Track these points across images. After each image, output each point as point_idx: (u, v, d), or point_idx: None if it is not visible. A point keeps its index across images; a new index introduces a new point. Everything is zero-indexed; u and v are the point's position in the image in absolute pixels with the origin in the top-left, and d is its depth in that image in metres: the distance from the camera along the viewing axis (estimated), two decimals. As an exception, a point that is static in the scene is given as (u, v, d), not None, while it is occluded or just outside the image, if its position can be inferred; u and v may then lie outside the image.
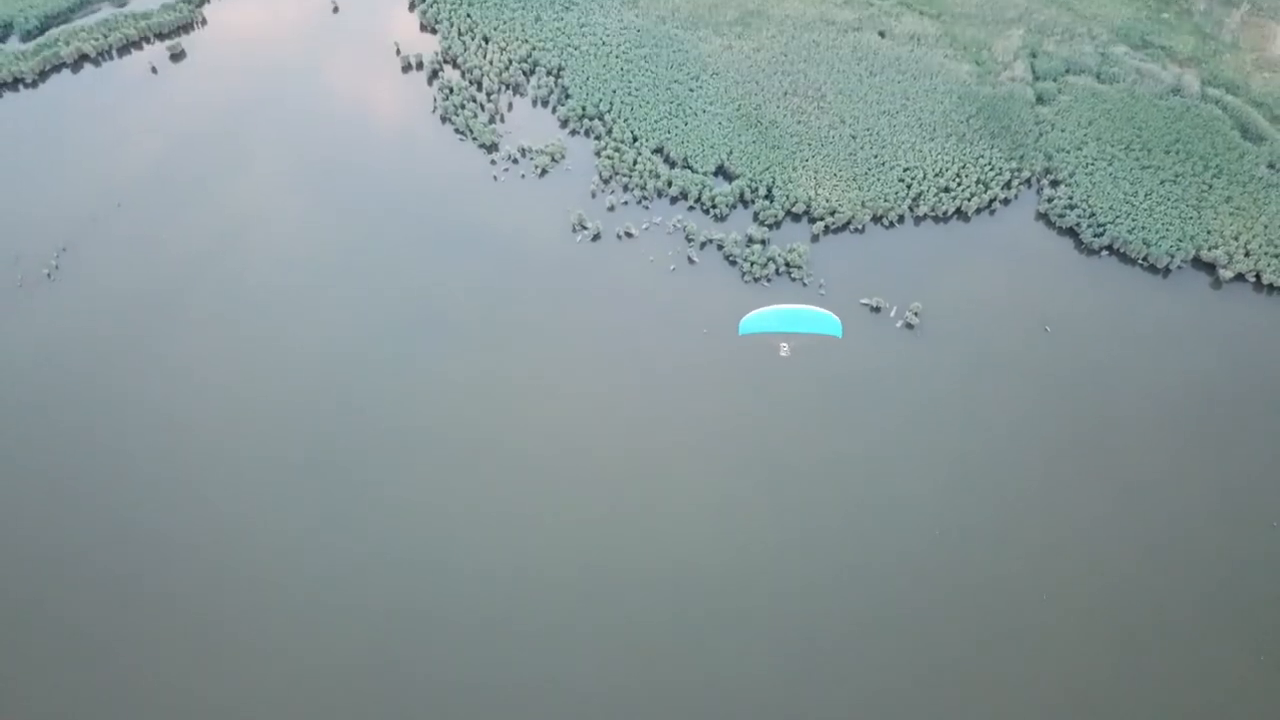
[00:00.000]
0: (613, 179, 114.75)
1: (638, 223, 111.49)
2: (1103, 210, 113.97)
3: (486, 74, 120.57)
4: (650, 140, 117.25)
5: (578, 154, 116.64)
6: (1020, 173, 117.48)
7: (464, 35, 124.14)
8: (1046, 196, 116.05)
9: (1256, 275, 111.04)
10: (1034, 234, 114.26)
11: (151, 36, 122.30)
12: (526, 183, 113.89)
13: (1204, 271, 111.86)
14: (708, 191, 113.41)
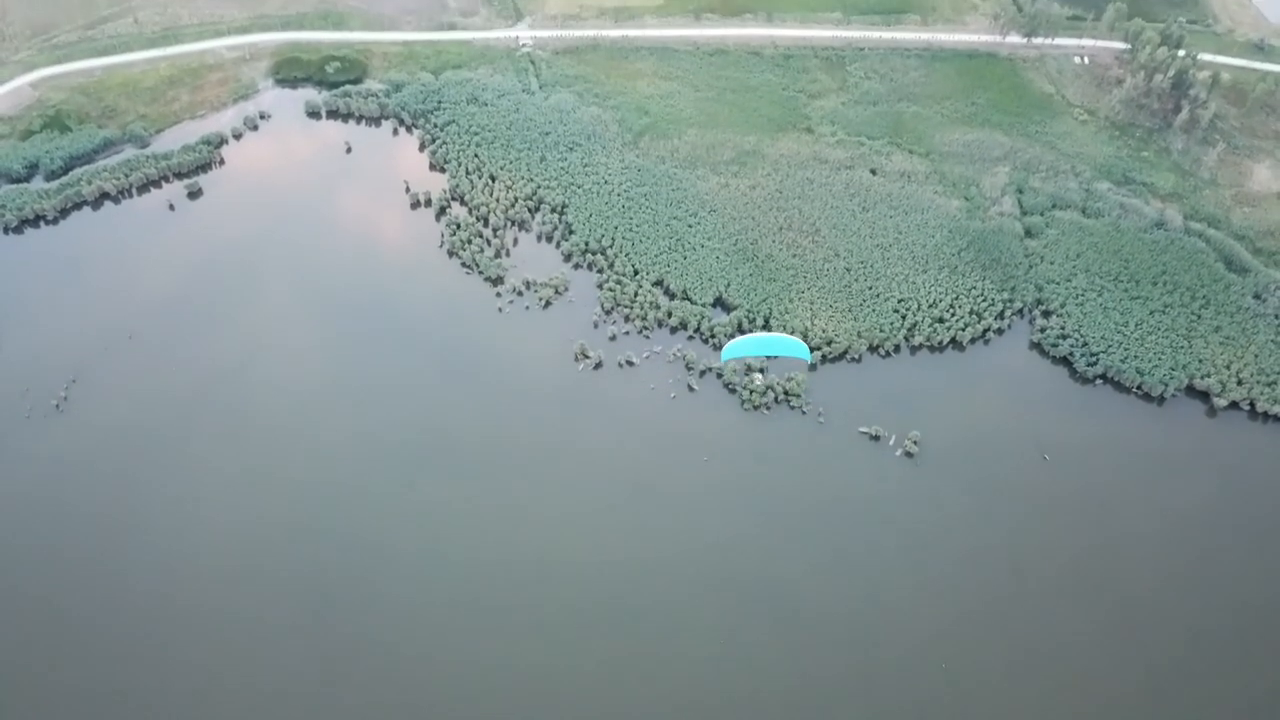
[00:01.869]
0: (614, 310, 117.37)
1: (639, 352, 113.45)
2: (1095, 340, 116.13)
3: (493, 211, 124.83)
4: (651, 273, 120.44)
5: (581, 286, 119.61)
6: (1012, 303, 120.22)
7: (472, 174, 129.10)
8: (1039, 326, 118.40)
9: (1251, 404, 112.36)
10: (1028, 363, 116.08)
11: (171, 176, 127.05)
12: (530, 314, 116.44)
13: (1198, 400, 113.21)
14: (707, 322, 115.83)
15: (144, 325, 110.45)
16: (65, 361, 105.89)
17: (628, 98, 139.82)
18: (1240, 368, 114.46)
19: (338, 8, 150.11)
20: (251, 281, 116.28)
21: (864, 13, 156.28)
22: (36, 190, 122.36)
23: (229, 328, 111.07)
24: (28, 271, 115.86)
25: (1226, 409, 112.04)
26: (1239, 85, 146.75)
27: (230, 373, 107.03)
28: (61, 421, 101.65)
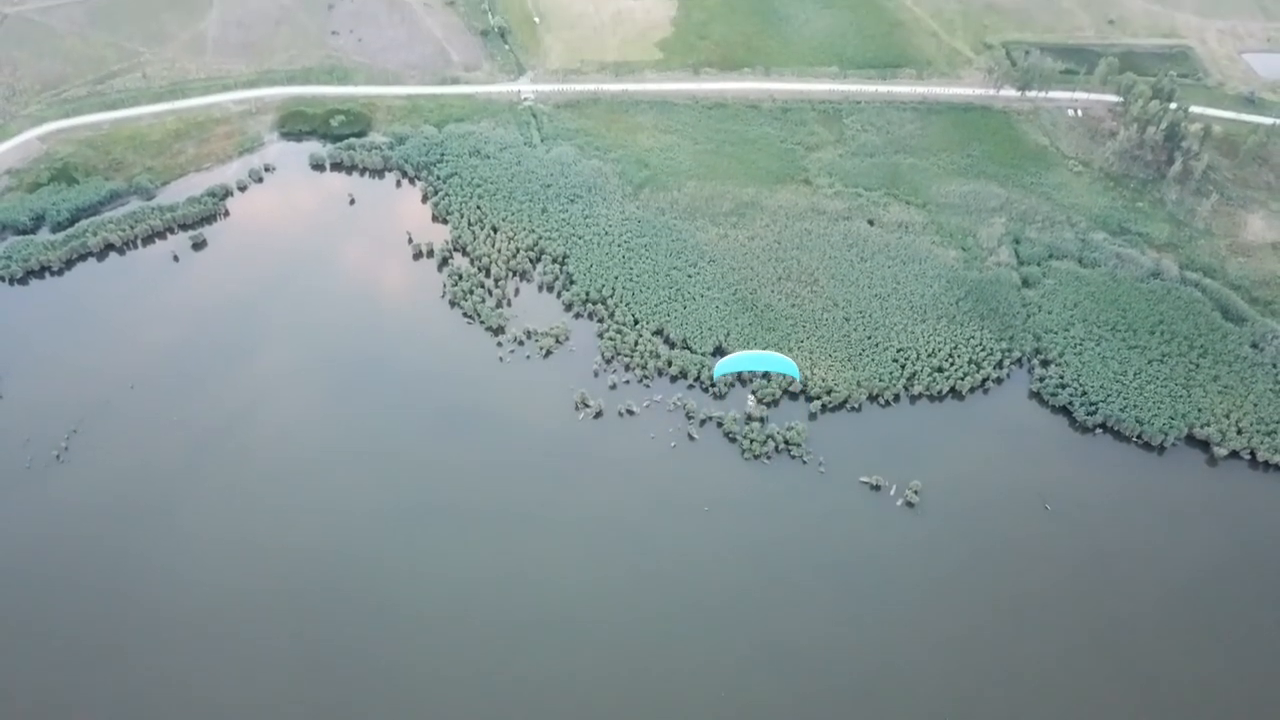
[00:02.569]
0: (615, 359, 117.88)
1: (639, 401, 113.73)
2: (1094, 389, 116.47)
3: (495, 261, 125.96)
4: (651, 322, 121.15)
5: (581, 336, 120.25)
6: (1011, 353, 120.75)
7: (474, 225, 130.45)
8: (1038, 376, 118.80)
9: (1251, 453, 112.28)
10: (1028, 412, 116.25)
11: (176, 227, 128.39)
12: (531, 363, 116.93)
13: (1198, 449, 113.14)
14: (707, 371, 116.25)
15: (146, 376, 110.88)
16: (67, 412, 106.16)
17: (628, 150, 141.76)
18: (1240, 417, 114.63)
19: (343, 63, 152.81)
20: (254, 333, 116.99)
21: (860, 67, 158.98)
22: (42, 242, 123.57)
23: (230, 379, 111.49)
24: (31, 322, 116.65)
25: (1227, 458, 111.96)
26: (1231, 137, 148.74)
27: (231, 424, 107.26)
28: (62, 472, 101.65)
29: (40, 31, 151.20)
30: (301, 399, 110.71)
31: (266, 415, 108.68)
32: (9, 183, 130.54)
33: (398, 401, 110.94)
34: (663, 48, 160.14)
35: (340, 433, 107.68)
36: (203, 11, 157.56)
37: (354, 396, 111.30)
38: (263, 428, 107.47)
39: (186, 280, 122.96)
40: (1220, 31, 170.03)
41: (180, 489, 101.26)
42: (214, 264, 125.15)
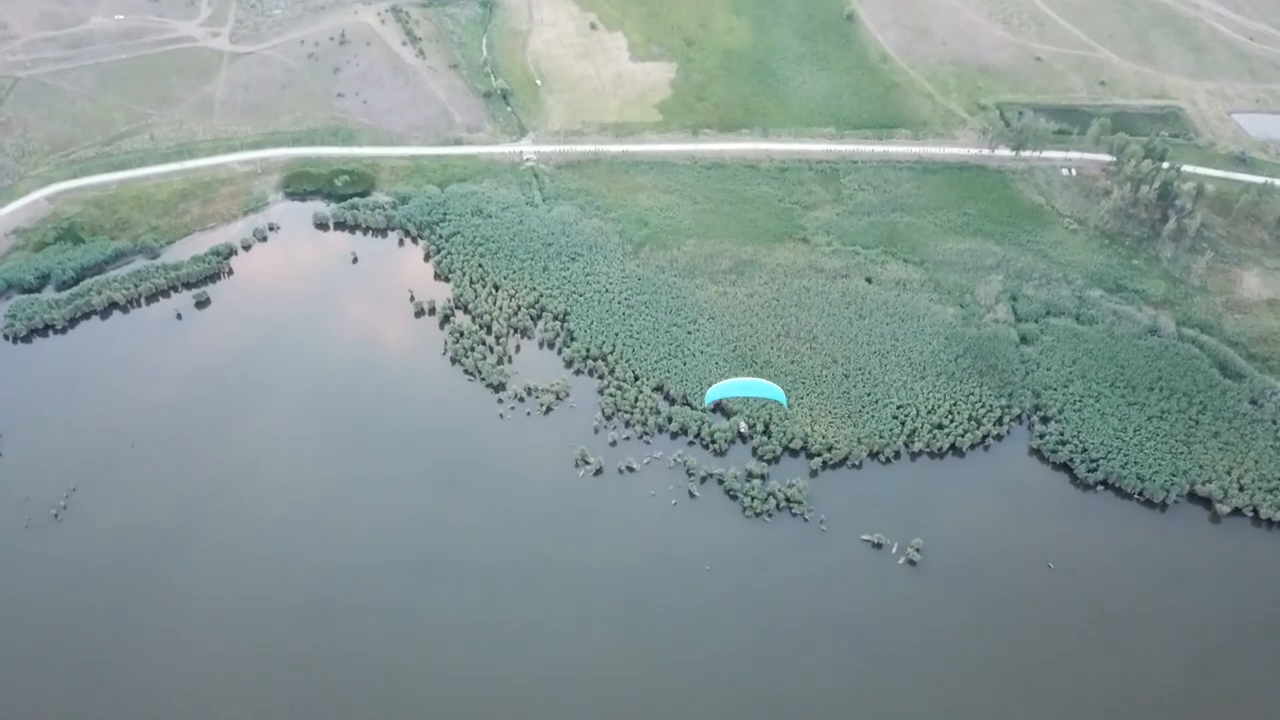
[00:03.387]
0: (615, 415, 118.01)
1: (639, 457, 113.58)
2: (1094, 446, 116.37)
3: (496, 319, 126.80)
4: (651, 379, 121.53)
5: (581, 392, 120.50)
6: (1010, 409, 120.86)
7: (475, 283, 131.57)
8: (1038, 433, 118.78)
9: (1254, 510, 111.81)
10: (1029, 469, 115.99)
11: (180, 286, 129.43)
12: (532, 420, 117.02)
13: (1201, 506, 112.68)
14: (707, 427, 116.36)
15: (146, 434, 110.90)
16: (66, 470, 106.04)
17: (628, 210, 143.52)
18: (1241, 474, 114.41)
19: (348, 124, 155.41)
20: (255, 391, 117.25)
21: (856, 127, 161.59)
22: (47, 300, 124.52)
23: (231, 437, 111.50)
24: (33, 380, 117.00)
25: (1230, 515, 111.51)
26: (1223, 196, 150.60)
27: (231, 482, 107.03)
28: (60, 531, 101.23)
29: (51, 94, 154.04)
30: (302, 457, 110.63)
31: (267, 473, 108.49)
32: (16, 242, 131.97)
33: (398, 459, 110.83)
34: (662, 109, 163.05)
35: (340, 490, 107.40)
36: (211, 75, 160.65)
37: (354, 454, 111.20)
38: (263, 486, 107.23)
39: (189, 338, 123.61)
40: (1210, 93, 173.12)
41: (179, 547, 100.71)
42: (217, 322, 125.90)
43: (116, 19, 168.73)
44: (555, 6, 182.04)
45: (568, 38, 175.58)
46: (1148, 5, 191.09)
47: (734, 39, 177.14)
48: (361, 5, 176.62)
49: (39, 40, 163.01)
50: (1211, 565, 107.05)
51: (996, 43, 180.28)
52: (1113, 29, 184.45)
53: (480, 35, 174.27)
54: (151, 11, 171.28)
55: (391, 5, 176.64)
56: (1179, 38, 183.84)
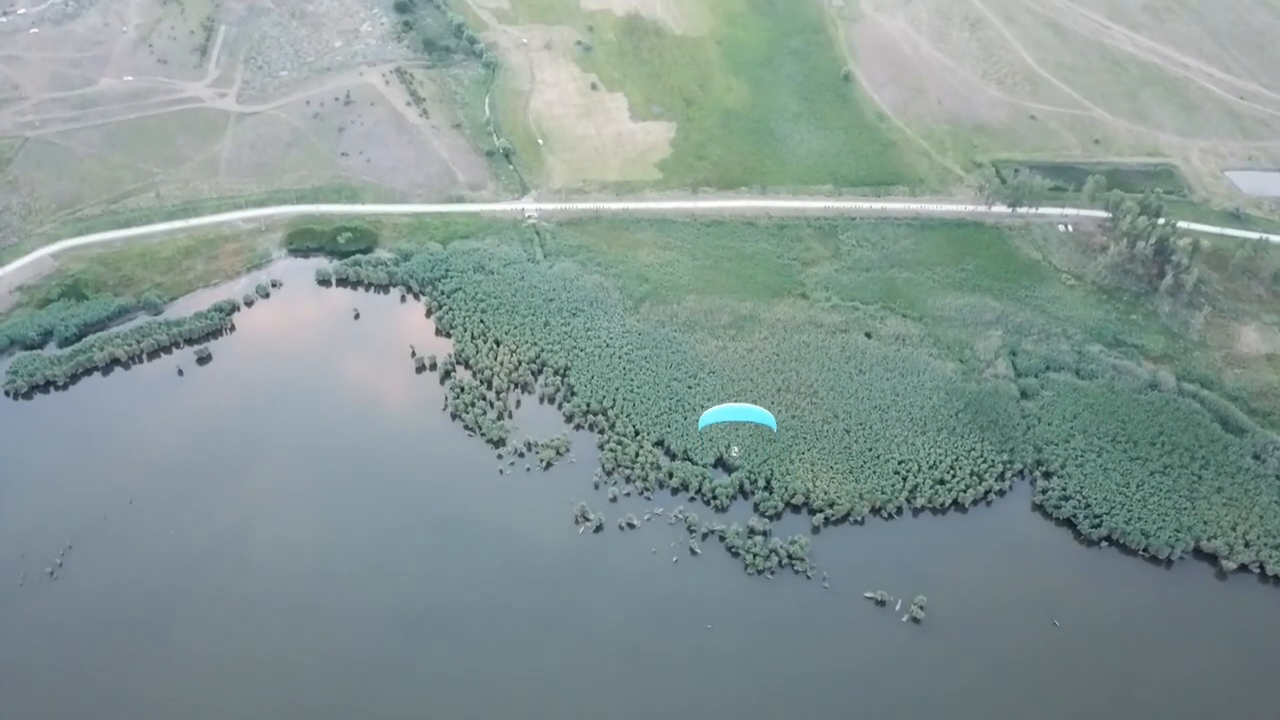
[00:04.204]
0: (616, 471, 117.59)
1: (640, 514, 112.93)
2: (1098, 501, 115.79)
3: (496, 374, 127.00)
4: (652, 434, 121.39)
5: (582, 447, 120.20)
6: (1012, 465, 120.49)
7: (477, 339, 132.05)
8: (1040, 488, 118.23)
9: (1260, 566, 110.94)
10: (1032, 525, 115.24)
11: (182, 342, 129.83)
12: (531, 476, 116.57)
13: (1206, 562, 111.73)
14: (708, 483, 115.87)
15: (145, 491, 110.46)
16: (63, 527, 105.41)
17: (629, 266, 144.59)
18: (1246, 529, 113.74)
19: (351, 182, 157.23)
20: (255, 447, 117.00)
21: (854, 184, 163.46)
22: (49, 357, 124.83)
23: (230, 494, 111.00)
24: (32, 437, 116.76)
25: (1236, 572, 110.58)
26: (1219, 251, 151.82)
27: (228, 541, 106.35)
28: (55, 590, 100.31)
29: (59, 153, 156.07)
30: (301, 514, 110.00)
31: (265, 531, 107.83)
32: (20, 299, 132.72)
33: (397, 517, 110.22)
34: (662, 168, 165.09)
35: (339, 549, 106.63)
36: (217, 135, 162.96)
37: (353, 512, 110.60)
38: (261, 543, 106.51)
39: (190, 395, 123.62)
40: (1202, 150, 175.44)
41: (175, 607, 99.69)
42: (218, 378, 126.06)
43: (125, 80, 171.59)
44: (557, 67, 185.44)
45: (569, 98, 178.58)
46: (1137, 65, 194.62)
47: (733, 99, 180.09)
48: (366, 66, 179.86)
49: (49, 101, 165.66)
50: (1219, 623, 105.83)
51: (991, 102, 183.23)
52: (1104, 88, 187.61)
53: (483, 95, 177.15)
54: (160, 73, 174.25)
55: (396, 66, 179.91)
56: (1170, 97, 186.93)
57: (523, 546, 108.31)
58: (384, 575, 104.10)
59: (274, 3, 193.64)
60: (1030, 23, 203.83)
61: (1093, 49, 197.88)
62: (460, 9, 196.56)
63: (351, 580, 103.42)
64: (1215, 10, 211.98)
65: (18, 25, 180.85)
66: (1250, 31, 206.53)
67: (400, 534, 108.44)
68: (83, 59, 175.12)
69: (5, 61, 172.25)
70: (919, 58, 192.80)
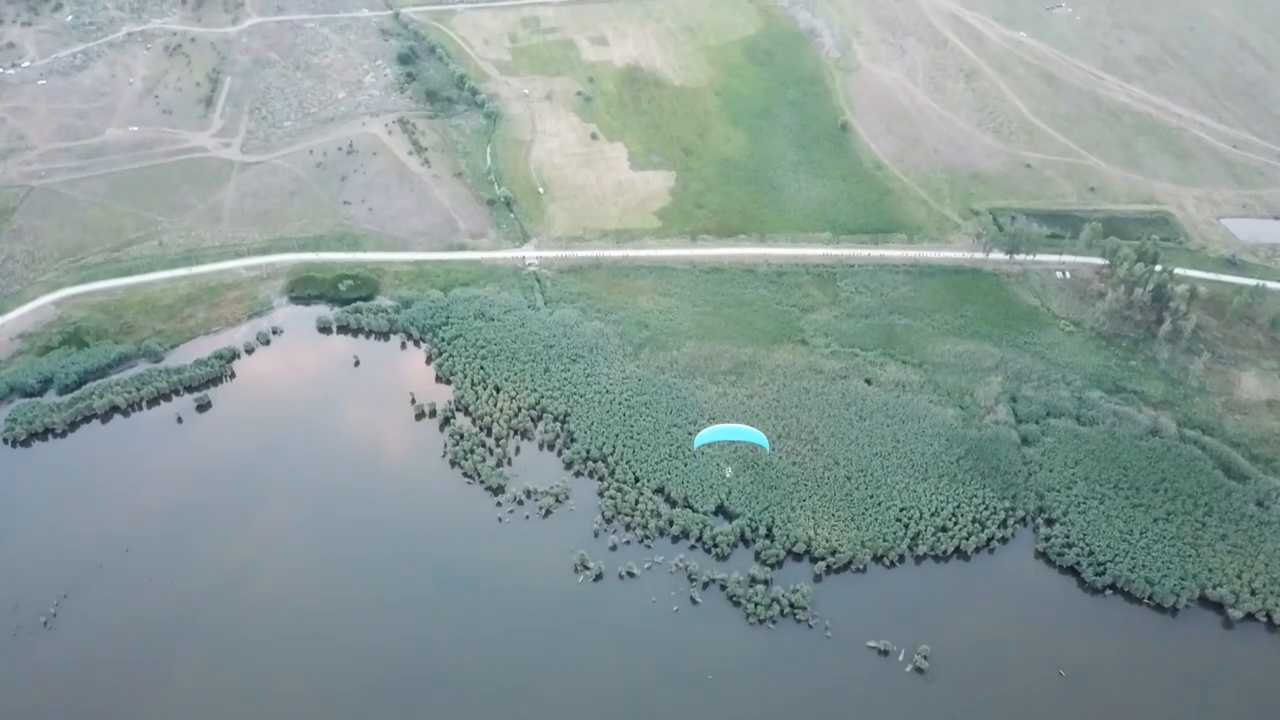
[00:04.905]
0: (615, 518, 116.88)
1: (640, 562, 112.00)
2: (1101, 549, 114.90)
3: (496, 420, 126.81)
4: (652, 480, 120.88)
5: (581, 494, 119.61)
6: (1014, 512, 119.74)
7: (477, 385, 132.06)
8: (1043, 535, 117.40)
9: (1267, 615, 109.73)
10: (1035, 573, 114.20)
11: (181, 389, 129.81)
12: (531, 524, 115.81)
13: (1212, 611, 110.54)
14: (709, 531, 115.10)
15: (141, 540, 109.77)
16: (59, 577, 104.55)
17: (629, 313, 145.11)
18: (1252, 577, 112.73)
19: (353, 230, 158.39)
20: (253, 495, 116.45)
21: (852, 232, 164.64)
22: (48, 404, 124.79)
23: (226, 544, 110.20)
24: (30, 485, 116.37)
25: (1243, 620, 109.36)
26: (1217, 298, 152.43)
27: (224, 591, 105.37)
28: (49, 640, 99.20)
29: (63, 202, 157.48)
30: (298, 564, 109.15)
31: (262, 581, 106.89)
32: (21, 346, 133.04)
33: (395, 567, 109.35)
34: (662, 216, 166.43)
35: (336, 599, 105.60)
36: (221, 184, 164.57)
37: (351, 562, 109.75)
38: (258, 594, 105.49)
39: (189, 442, 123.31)
40: (1197, 198, 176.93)
41: (170, 658, 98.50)
42: (217, 426, 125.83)
43: (131, 130, 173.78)
44: (557, 118, 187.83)
45: (569, 147, 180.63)
46: (1131, 115, 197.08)
47: (731, 148, 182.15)
48: (369, 117, 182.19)
49: (55, 151, 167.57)
50: (1226, 673, 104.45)
51: (987, 151, 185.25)
52: (1099, 137, 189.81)
53: (484, 145, 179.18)
54: (165, 123, 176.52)
55: (399, 117, 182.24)
56: (1164, 146, 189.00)
57: (522, 595, 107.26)
58: (382, 626, 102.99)
59: (279, 55, 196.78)
60: (1024, 73, 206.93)
61: (1087, 99, 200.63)
62: (462, 61, 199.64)
63: (349, 631, 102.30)
64: (1207, 61, 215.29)
65: (25, 77, 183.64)
66: (1242, 82, 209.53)
67: (398, 584, 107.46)
68: (89, 110, 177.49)
69: (12, 113, 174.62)
70: (915, 108, 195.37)
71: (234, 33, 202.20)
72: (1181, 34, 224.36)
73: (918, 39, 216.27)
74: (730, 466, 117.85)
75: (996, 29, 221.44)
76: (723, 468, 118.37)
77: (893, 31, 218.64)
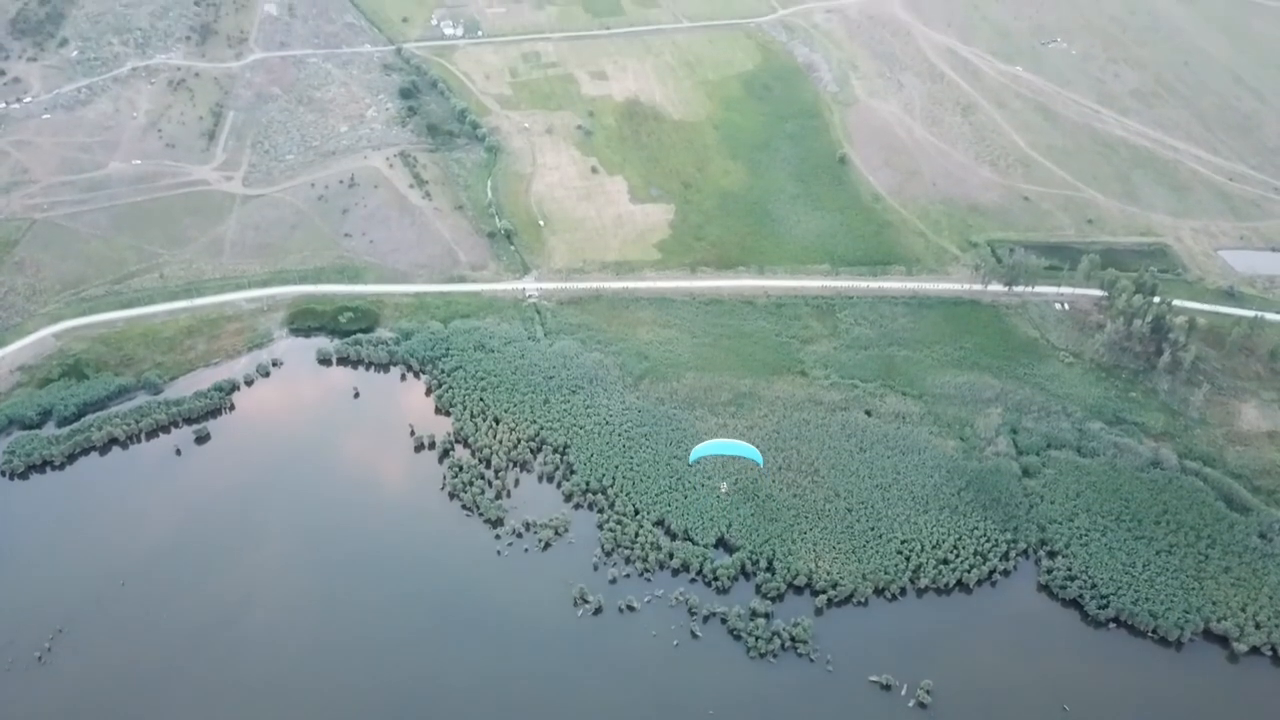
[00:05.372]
0: (615, 551, 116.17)
1: (640, 595, 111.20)
2: (1104, 581, 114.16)
3: (495, 452, 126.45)
4: (652, 513, 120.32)
5: (581, 527, 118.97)
6: (1016, 544, 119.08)
7: (476, 417, 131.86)
8: (1045, 568, 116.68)
9: (1272, 649, 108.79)
10: (1038, 606, 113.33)
11: (181, 421, 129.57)
12: (530, 556, 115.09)
13: (1217, 644, 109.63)
14: (709, 564, 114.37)
15: (138, 573, 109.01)
16: (54, 611, 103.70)
17: (628, 344, 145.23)
18: (1256, 610, 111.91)
19: (354, 263, 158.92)
20: (251, 528, 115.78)
21: (851, 264, 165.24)
22: (47, 437, 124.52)
23: (223, 578, 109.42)
24: (26, 518, 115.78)
25: (1248, 654, 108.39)
26: (1216, 329, 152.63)
27: (220, 627, 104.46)
28: (41, 675, 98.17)
29: (66, 235, 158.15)
30: (295, 598, 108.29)
31: (258, 616, 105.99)
32: (20, 378, 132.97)
33: (393, 602, 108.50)
34: (661, 248, 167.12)
35: (334, 634, 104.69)
36: (223, 217, 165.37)
37: (349, 597, 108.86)
38: (254, 629, 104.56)
39: (187, 475, 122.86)
40: (1194, 230, 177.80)
41: (165, 695, 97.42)
42: (215, 458, 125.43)
43: (134, 164, 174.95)
44: (558, 151, 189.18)
45: (570, 181, 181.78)
46: (1127, 148, 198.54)
47: (730, 181, 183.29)
48: (371, 150, 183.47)
49: (58, 184, 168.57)
50: (1233, 708, 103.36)
51: (985, 183, 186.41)
52: (1096, 170, 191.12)
53: (485, 179, 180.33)
54: (168, 157, 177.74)
55: (400, 150, 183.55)
56: (1160, 178, 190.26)
57: (521, 630, 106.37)
58: (380, 662, 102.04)
59: (282, 90, 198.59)
60: (1021, 107, 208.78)
61: (1083, 132, 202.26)
62: (464, 95, 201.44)
63: (347, 667, 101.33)
64: (1202, 96, 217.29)
65: (30, 111, 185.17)
66: (1237, 116, 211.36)
67: (396, 619, 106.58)
68: (93, 144, 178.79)
69: (16, 146, 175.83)
70: (913, 141, 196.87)
71: (238, 68, 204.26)
72: (1176, 68, 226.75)
73: (914, 73, 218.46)
74: (725, 482, 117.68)
75: (992, 63, 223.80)
76: (718, 484, 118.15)
77: (890, 66, 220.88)
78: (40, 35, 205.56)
